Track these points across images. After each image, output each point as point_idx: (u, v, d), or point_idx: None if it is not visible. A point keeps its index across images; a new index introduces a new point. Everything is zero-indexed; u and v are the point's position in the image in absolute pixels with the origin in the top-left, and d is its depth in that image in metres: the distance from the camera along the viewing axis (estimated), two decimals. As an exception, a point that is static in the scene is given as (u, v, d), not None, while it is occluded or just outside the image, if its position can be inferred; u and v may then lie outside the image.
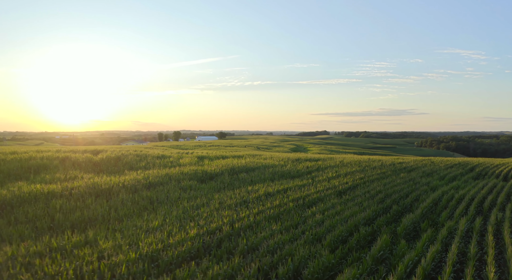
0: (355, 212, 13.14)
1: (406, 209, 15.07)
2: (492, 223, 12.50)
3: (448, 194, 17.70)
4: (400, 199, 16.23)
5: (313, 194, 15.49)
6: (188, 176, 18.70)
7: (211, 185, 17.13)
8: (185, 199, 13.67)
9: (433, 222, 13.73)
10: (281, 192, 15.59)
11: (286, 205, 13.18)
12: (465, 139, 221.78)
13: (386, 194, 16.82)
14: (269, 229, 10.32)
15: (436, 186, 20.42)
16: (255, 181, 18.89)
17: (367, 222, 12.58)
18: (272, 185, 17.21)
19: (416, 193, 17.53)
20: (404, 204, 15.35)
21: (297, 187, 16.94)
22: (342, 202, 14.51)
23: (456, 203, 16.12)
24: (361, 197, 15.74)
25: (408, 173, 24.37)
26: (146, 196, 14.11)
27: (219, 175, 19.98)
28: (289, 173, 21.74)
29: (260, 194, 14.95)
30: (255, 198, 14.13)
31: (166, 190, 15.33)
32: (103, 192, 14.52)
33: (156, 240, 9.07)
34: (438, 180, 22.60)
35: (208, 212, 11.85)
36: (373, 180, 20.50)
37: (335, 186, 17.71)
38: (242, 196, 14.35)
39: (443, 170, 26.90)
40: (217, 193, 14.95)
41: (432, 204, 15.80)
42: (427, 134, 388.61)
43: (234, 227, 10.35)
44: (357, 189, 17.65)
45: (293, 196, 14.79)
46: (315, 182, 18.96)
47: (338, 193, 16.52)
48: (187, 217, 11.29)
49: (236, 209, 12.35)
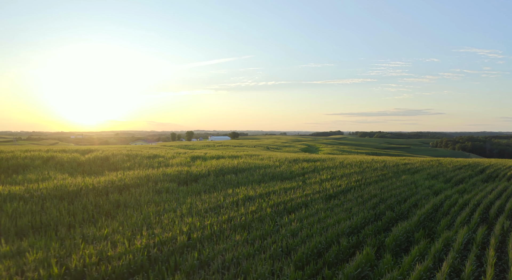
0: (341, 219, 11.72)
1: (402, 216, 13.55)
2: (496, 234, 10.90)
3: (451, 198, 16.06)
4: (397, 204, 14.70)
5: (299, 198, 14.11)
6: (169, 177, 17.55)
7: (192, 187, 15.93)
8: (153, 203, 12.49)
9: (430, 231, 12.19)
10: (264, 196, 14.27)
11: (263, 211, 11.85)
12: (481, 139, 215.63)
13: (381, 199, 15.30)
14: (232, 240, 9.03)
15: (439, 189, 18.74)
16: (241, 183, 17.61)
17: (353, 231, 11.15)
18: (257, 188, 15.90)
19: (416, 198, 15.95)
20: (400, 210, 13.83)
21: (283, 190, 15.58)
22: (328, 208, 13.10)
23: (459, 209, 14.49)
24: (352, 201, 14.28)
25: (411, 175, 22.69)
26: (114, 199, 12.99)
27: (204, 176, 18.78)
28: (281, 174, 20.38)
29: (239, 197, 13.66)
30: (231, 203, 12.85)
31: (139, 192, 14.20)
32: (70, 195, 13.47)
33: (95, 251, 7.90)
34: (443, 182, 20.87)
35: (171, 218, 10.64)
36: (370, 182, 18.95)
37: (326, 189, 16.28)
38: (218, 200, 13.09)
39: (450, 171, 25.06)
40: (192, 197, 13.73)
41: (432, 210, 14.22)
42: (443, 134, 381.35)
43: (192, 237, 9.09)
44: (350, 192, 16.16)
45: (275, 200, 13.45)
46: (306, 184, 17.56)
47: (328, 197, 15.08)
48: (145, 224, 10.10)
49: (204, 215, 11.10)
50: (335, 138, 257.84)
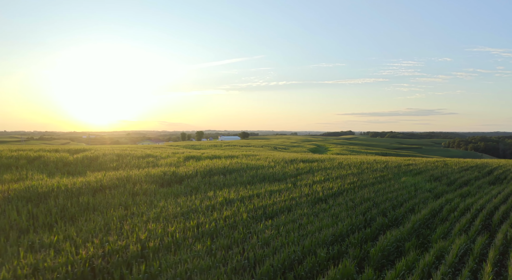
0: (325, 226, 10.67)
1: (395, 222, 12.41)
2: (496, 245, 9.70)
3: (452, 202, 14.82)
4: (391, 209, 13.55)
5: (283, 201, 13.08)
6: (152, 179, 16.70)
7: (173, 189, 15.04)
8: (122, 207, 11.62)
9: (424, 240, 11.04)
10: (245, 199, 13.28)
11: (237, 216, 10.87)
12: (495, 140, 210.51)
13: (375, 203, 14.17)
14: (192, 250, 8.07)
15: (441, 192, 17.47)
16: (228, 184, 16.65)
17: (337, 239, 10.08)
18: (241, 190, 14.92)
19: (413, 202, 14.76)
20: (394, 215, 12.69)
21: (268, 193, 14.57)
22: (313, 213, 12.04)
23: (459, 215, 13.27)
24: (341, 206, 13.19)
25: (413, 177, 21.40)
26: (84, 202, 12.17)
27: (190, 178, 17.87)
28: (272, 175, 19.35)
29: (217, 201, 12.70)
30: (207, 207, 11.89)
31: (113, 195, 13.36)
32: (39, 196, 12.70)
33: (35, 261, 7.04)
34: (445, 185, 19.55)
35: (134, 223, 9.74)
36: (366, 184, 17.78)
37: (316, 192, 15.20)
38: (193, 203, 12.15)
39: (455, 173, 23.66)
40: (168, 200, 12.82)
41: (429, 215, 13.04)
42: (455, 134, 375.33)
43: (148, 245, 8.17)
44: (342, 195, 15.06)
45: (256, 204, 12.45)
46: (296, 186, 16.50)
47: (316, 200, 14.01)
48: (104, 230, 9.22)
49: (172, 221, 10.17)
50: (346, 138, 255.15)
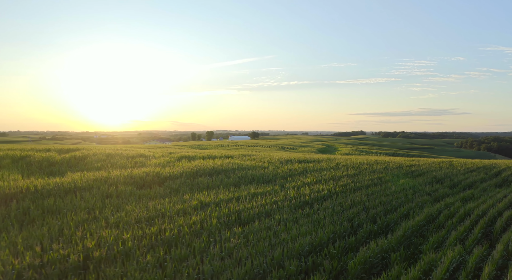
0: (303, 234, 9.63)
1: (385, 229, 11.30)
2: (495, 257, 8.53)
3: (451, 207, 13.60)
4: (383, 214, 12.42)
5: (263, 205, 12.07)
6: (132, 180, 15.87)
7: (152, 191, 14.17)
8: (84, 210, 10.76)
9: (415, 250, 9.91)
10: (223, 203, 12.31)
11: (207, 222, 9.90)
12: (508, 140, 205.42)
13: (366, 207, 13.06)
14: (140, 262, 7.14)
15: (441, 195, 16.22)
16: (211, 186, 15.72)
17: (314, 249, 9.04)
18: (222, 192, 13.96)
19: (409, 206, 13.59)
20: (385, 221, 11.57)
21: (251, 196, 13.58)
22: (294, 218, 11.00)
23: (457, 221, 12.07)
24: (327, 210, 12.11)
25: (413, 178, 20.14)
26: (49, 204, 11.37)
27: (174, 179, 16.99)
28: (262, 176, 18.34)
29: (191, 204, 11.76)
30: (178, 211, 10.96)
31: (82, 197, 12.54)
32: (5, 198, 11.97)
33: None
34: (448, 187, 18.25)
35: (89, 229, 8.86)
36: (360, 187, 16.63)
37: (302, 195, 14.14)
38: (164, 207, 11.22)
39: (460, 174, 22.28)
40: (139, 203, 11.93)
41: (424, 222, 11.87)
42: (468, 134, 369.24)
43: (93, 255, 7.27)
44: (331, 199, 13.98)
45: (232, 208, 11.47)
46: (283, 188, 15.47)
47: (301, 204, 12.96)
48: (54, 237, 8.36)
49: (133, 227, 9.27)
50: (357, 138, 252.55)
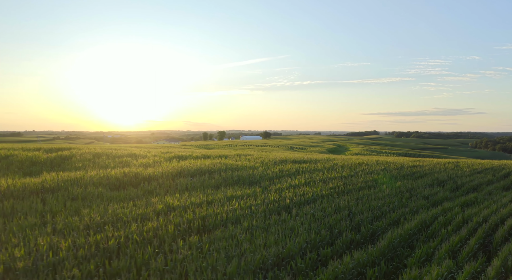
0: (270, 244, 8.53)
1: (370, 238, 10.12)
2: (489, 275, 7.28)
3: (448, 213, 12.29)
4: (370, 221, 11.21)
5: (234, 210, 11.00)
6: (108, 180, 15.01)
7: (123, 193, 13.25)
8: (38, 213, 9.88)
9: (398, 264, 8.72)
10: (192, 207, 11.29)
11: (163, 229, 8.89)
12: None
13: (352, 213, 11.86)
14: (62, 277, 6.17)
15: (440, 200, 14.88)
16: (190, 188, 14.75)
17: (279, 263, 7.94)
18: (197, 195, 12.94)
19: (401, 211, 12.35)
20: (370, 229, 10.39)
21: (226, 199, 12.52)
22: (265, 226, 9.90)
23: (453, 229, 10.78)
24: (306, 216, 10.97)
25: (413, 180, 18.77)
26: (6, 207, 10.57)
27: (152, 180, 16.07)
28: (248, 178, 17.27)
29: (155, 208, 10.78)
30: (137, 216, 9.98)
31: (44, 199, 11.70)
32: (-41, 201, 11.22)
33: None
34: (449, 190, 16.85)
35: (30, 236, 7.95)
36: (351, 190, 15.41)
37: (284, 198, 13.01)
38: (122, 212, 10.26)
39: (465, 176, 20.79)
40: (100, 206, 11.00)
41: (415, 230, 10.62)
42: (484, 135, 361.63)
43: (16, 267, 6.34)
44: (315, 203, 12.82)
45: (198, 213, 10.44)
46: (266, 191, 14.38)
47: (279, 209, 11.84)
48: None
49: (80, 233, 8.33)
50: (370, 138, 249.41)
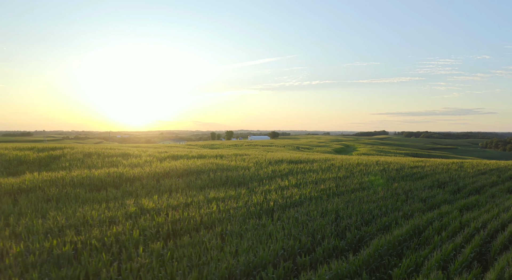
0: (242, 252, 7.82)
1: (357, 245, 9.35)
2: (480, 293, 6.45)
3: (444, 218, 11.42)
4: (359, 226, 10.42)
5: (210, 214, 10.30)
6: (89, 181, 14.46)
7: (102, 194, 12.67)
8: (2, 217, 9.34)
9: (384, 274, 7.93)
10: (168, 209, 10.63)
11: (128, 234, 8.24)
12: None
13: (339, 217, 11.08)
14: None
15: (438, 202, 13.99)
16: (174, 189, 14.12)
17: (250, 272, 7.23)
18: (177, 197, 12.30)
19: (394, 216, 11.53)
20: (357, 235, 9.63)
21: (207, 202, 11.85)
22: (241, 230, 9.19)
23: (448, 236, 9.93)
24: (289, 221, 10.23)
25: (412, 182, 17.86)
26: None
27: (136, 180, 15.48)
28: (237, 178, 16.58)
29: (127, 211, 10.14)
30: (105, 219, 9.36)
31: (15, 200, 11.17)
32: None
33: None
34: (449, 192, 15.92)
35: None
36: (343, 192, 14.60)
37: (268, 201, 12.28)
38: (90, 214, 9.64)
39: (468, 177, 19.79)
40: (71, 208, 10.40)
41: (406, 236, 9.80)
42: (494, 134, 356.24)
43: None
44: (301, 206, 12.06)
45: (171, 217, 9.77)
46: (252, 193, 13.66)
47: (261, 212, 11.11)
48: None
49: (38, 238, 7.72)
50: (378, 138, 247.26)
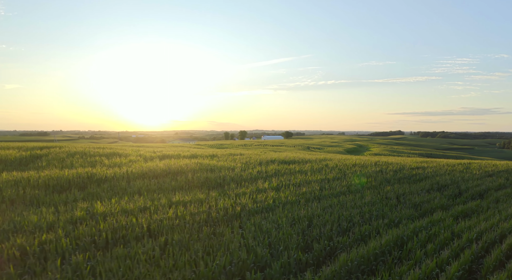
0: (178, 267, 6.72)
1: (324, 260, 8.12)
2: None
3: (435, 227, 10.03)
4: (333, 236, 9.16)
5: (160, 221, 9.20)
6: (56, 182, 13.61)
7: (63, 196, 11.77)
8: None
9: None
10: (120, 214, 9.60)
11: (53, 243, 7.23)
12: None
13: (311, 225, 9.85)
14: None
15: (433, 208, 12.56)
16: (145, 190, 13.12)
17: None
18: (138, 199, 11.27)
19: (376, 223, 10.22)
20: (327, 247, 8.40)
21: (168, 205, 10.78)
22: (191, 240, 8.07)
23: (435, 249, 8.58)
24: (250, 229, 9.06)
25: (409, 185, 16.40)
26: None
27: (106, 181, 14.56)
28: (216, 180, 15.48)
29: (73, 216, 9.15)
30: (44, 225, 8.40)
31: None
32: None
33: None
34: (448, 197, 14.40)
35: None
36: (327, 195, 13.32)
37: (237, 205, 11.13)
38: (27, 220, 8.69)
39: (473, 179, 18.16)
40: (15, 212, 9.50)
41: (384, 249, 8.50)
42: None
43: None
44: (272, 212, 10.85)
45: (118, 223, 8.74)
46: (225, 196, 12.53)
47: (225, 218, 9.97)
48: None
49: None
50: (393, 138, 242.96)
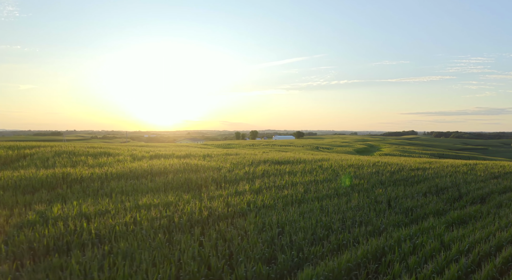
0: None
1: (288, 274, 7.23)
2: None
3: (422, 236, 9.01)
4: (304, 246, 8.25)
5: (113, 226, 8.43)
6: (28, 182, 13.05)
7: (31, 197, 11.17)
8: None
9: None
10: (77, 218, 8.87)
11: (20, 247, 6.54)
12: None
13: (283, 232, 8.95)
14: None
15: (426, 214, 11.50)
16: (118, 192, 12.44)
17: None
18: (104, 202, 10.55)
19: (357, 231, 9.25)
20: (294, 259, 7.50)
21: (131, 209, 10.03)
22: (135, 251, 7.29)
23: (417, 263, 7.58)
24: (211, 237, 8.22)
25: (405, 187, 15.31)
26: None
27: (82, 182, 13.94)
28: (196, 181, 14.68)
29: (22, 219, 8.47)
30: None
31: None
32: None
33: None
34: (445, 201, 13.27)
35: None
36: (309, 199, 12.37)
37: (204, 209, 10.30)
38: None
39: (476, 182, 16.93)
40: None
41: (359, 262, 7.55)
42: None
43: None
44: (243, 217, 9.99)
45: (67, 228, 8.02)
46: (199, 198, 11.73)
47: (189, 224, 9.15)
48: None
49: None
50: (406, 138, 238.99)
